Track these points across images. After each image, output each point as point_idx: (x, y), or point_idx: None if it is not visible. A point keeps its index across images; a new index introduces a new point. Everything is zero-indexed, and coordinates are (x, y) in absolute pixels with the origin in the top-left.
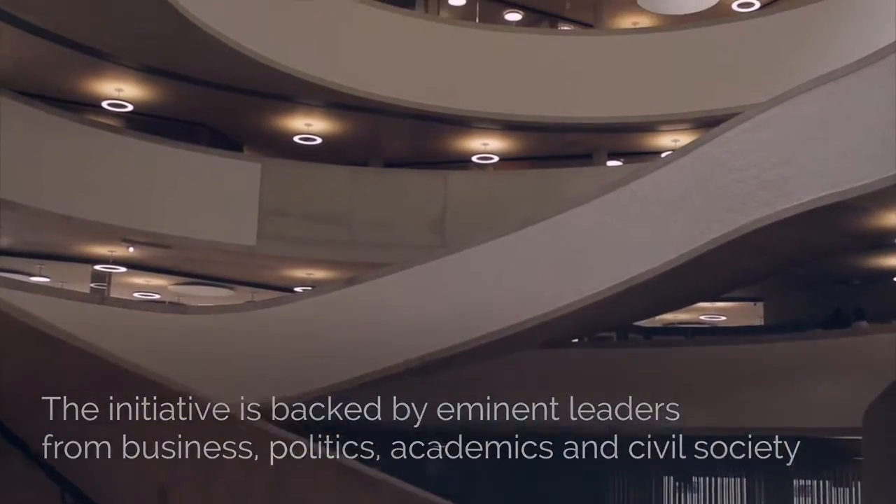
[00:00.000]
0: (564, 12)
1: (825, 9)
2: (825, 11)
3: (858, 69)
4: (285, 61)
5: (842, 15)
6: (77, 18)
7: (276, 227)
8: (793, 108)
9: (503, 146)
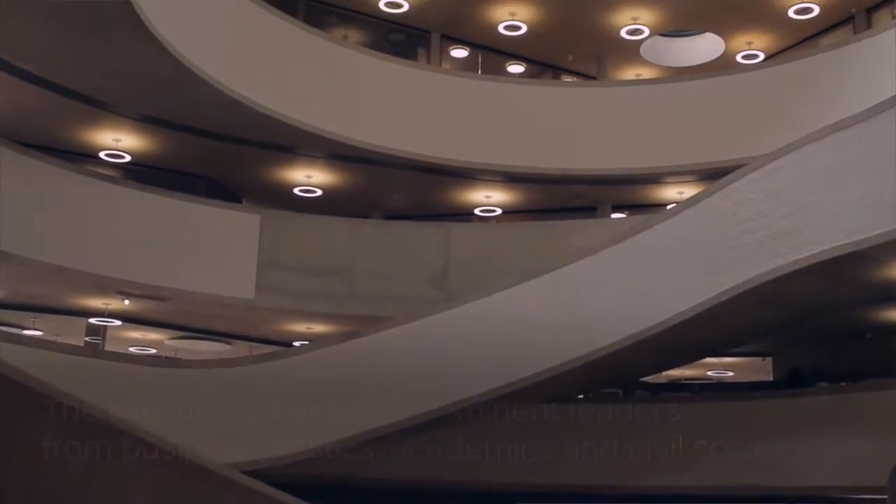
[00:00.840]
0: (567, 64)
1: (830, 60)
2: (830, 62)
3: (870, 117)
4: (286, 112)
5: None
6: (75, 66)
7: (275, 279)
8: (804, 157)
9: (506, 198)
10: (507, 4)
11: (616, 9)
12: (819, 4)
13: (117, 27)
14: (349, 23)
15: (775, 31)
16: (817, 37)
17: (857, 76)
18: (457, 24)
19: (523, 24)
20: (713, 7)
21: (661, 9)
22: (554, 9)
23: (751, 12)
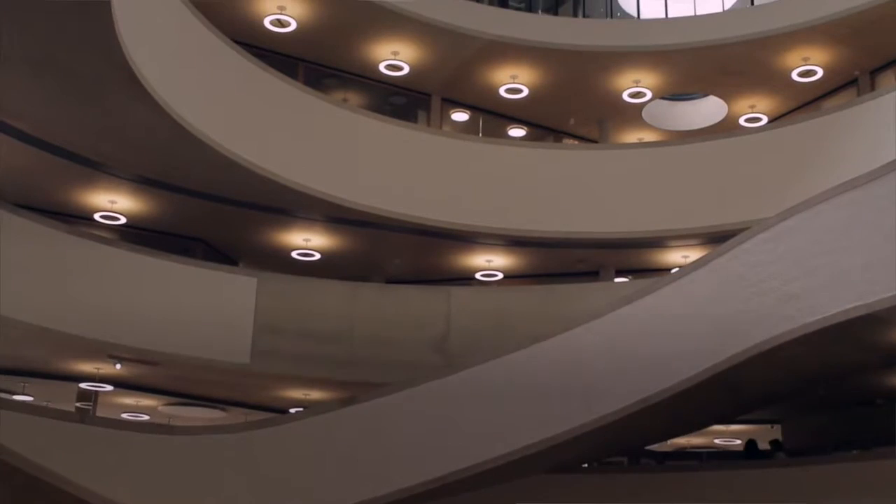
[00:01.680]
0: (569, 128)
1: (834, 122)
2: (834, 124)
3: (882, 175)
4: (284, 173)
5: (850, 127)
6: (70, 126)
7: (271, 344)
8: (814, 217)
9: (508, 263)
10: (508, 67)
11: (618, 71)
12: (822, 67)
13: (114, 86)
14: (349, 86)
15: (778, 94)
16: (821, 100)
17: (861, 138)
18: (457, 87)
19: (524, 87)
20: (715, 70)
21: (663, 72)
22: (555, 71)
23: (754, 75)
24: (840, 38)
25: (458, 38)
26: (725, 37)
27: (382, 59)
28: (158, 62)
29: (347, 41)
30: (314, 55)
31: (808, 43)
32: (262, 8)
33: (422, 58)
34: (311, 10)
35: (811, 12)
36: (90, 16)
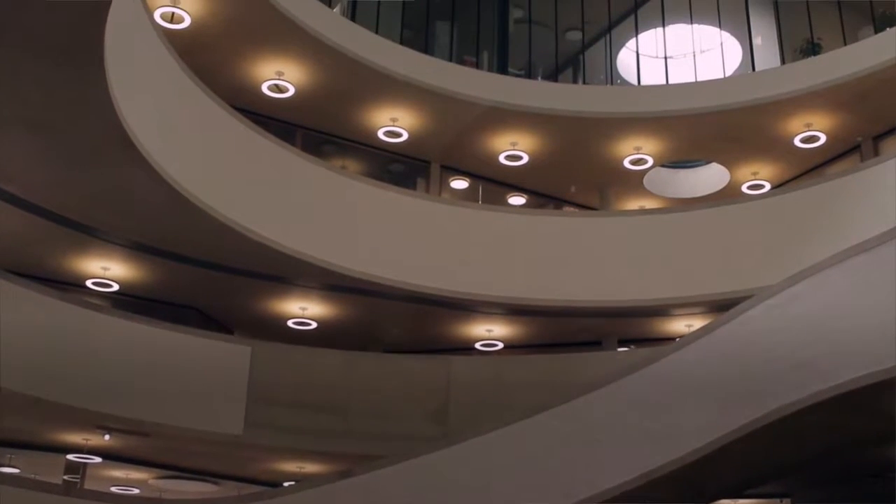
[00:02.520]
0: (569, 196)
1: (838, 188)
2: (838, 190)
3: (891, 239)
4: (281, 240)
5: (855, 193)
6: (63, 190)
7: (265, 415)
8: (822, 282)
9: (508, 332)
10: (508, 134)
11: (618, 138)
12: (825, 133)
13: (108, 150)
14: (347, 152)
15: (781, 161)
16: (824, 166)
17: (866, 204)
18: (457, 154)
19: (524, 154)
20: (717, 137)
21: (665, 138)
22: (555, 138)
23: (756, 142)
24: (842, 104)
25: (458, 104)
26: (727, 103)
27: (381, 125)
28: (154, 126)
29: (346, 107)
30: (312, 121)
31: (810, 109)
32: (260, 73)
33: (421, 124)
34: (310, 76)
35: (813, 78)
36: (84, 79)
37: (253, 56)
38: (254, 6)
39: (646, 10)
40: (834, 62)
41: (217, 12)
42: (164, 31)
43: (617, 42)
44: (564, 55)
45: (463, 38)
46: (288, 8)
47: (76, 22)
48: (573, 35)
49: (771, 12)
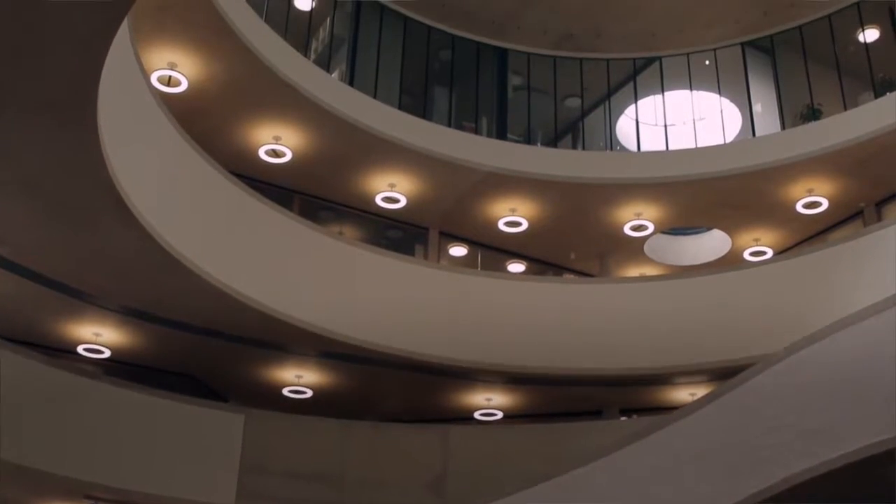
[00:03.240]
0: (569, 263)
1: (841, 253)
2: (841, 256)
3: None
4: (277, 306)
5: (858, 259)
6: (54, 253)
7: (257, 485)
8: (831, 347)
9: (507, 401)
10: (507, 200)
11: (618, 204)
12: (827, 199)
13: (102, 211)
14: (345, 218)
15: (783, 227)
16: (827, 232)
17: (869, 270)
18: (455, 220)
19: (524, 221)
20: (718, 203)
21: (665, 204)
22: (555, 204)
23: (758, 208)
24: (844, 170)
25: (457, 169)
26: (727, 168)
27: (379, 190)
28: (149, 189)
29: (344, 172)
30: (310, 187)
31: (811, 174)
32: (257, 138)
33: (419, 190)
34: (308, 140)
35: (814, 143)
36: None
37: (250, 120)
38: (252, 70)
39: (644, 76)
40: (835, 127)
41: (215, 76)
42: (161, 94)
43: (616, 109)
44: (563, 122)
45: (462, 103)
46: (286, 72)
47: (69, 80)
48: (572, 102)
49: (770, 79)
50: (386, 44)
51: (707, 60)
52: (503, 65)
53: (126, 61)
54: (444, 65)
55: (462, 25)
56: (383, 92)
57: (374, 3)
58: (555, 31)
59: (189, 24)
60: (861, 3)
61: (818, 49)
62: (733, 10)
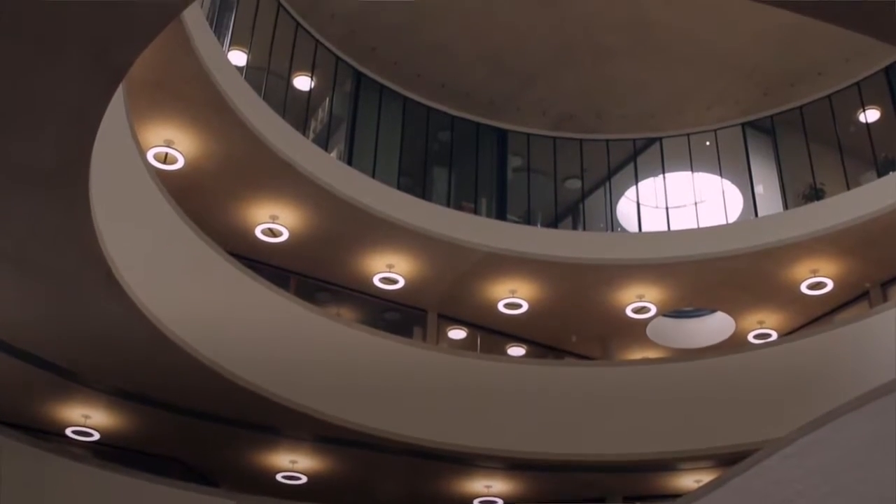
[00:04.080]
0: (571, 346)
1: (847, 335)
2: (847, 338)
3: None
4: (271, 388)
5: (864, 341)
6: (42, 331)
7: None
8: (841, 429)
9: (508, 488)
10: (507, 281)
11: (620, 285)
12: (832, 279)
13: (91, 286)
14: (342, 300)
15: (788, 308)
16: (832, 313)
17: (876, 351)
18: (454, 302)
19: (524, 303)
20: (722, 284)
21: (668, 286)
22: (556, 286)
23: (761, 289)
24: (849, 250)
25: (456, 250)
26: (730, 249)
27: (377, 271)
28: (141, 265)
29: (341, 252)
30: (306, 267)
31: (815, 254)
32: (254, 216)
33: (418, 271)
34: (305, 220)
35: (817, 223)
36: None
37: (247, 199)
38: (249, 148)
39: (645, 157)
40: (838, 207)
41: (212, 154)
42: (157, 171)
43: (616, 190)
44: (563, 204)
45: (461, 184)
46: (284, 150)
47: (61, 150)
48: (572, 183)
49: (771, 159)
50: (385, 124)
51: (707, 141)
52: (503, 145)
53: (122, 137)
54: (443, 145)
55: (461, 106)
56: (382, 171)
57: (374, 82)
58: (554, 112)
59: (186, 101)
60: (861, 84)
61: (819, 129)
62: (733, 91)
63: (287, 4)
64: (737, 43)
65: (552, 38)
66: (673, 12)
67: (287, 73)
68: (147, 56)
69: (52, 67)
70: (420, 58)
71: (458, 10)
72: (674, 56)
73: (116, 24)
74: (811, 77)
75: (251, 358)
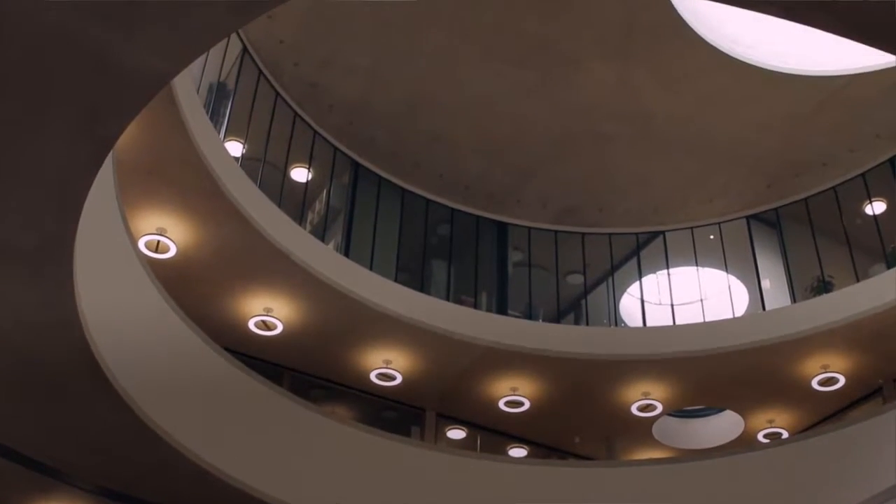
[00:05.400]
0: (574, 448)
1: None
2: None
3: None
4: (263, 487)
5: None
6: (22, 423)
7: None
8: None
9: None
10: (508, 378)
11: (625, 382)
12: (844, 375)
13: (75, 376)
14: (338, 398)
15: (799, 406)
16: (845, 411)
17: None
18: (454, 400)
19: (525, 400)
20: (729, 380)
21: (673, 383)
22: (558, 383)
23: (771, 386)
24: (860, 344)
25: (455, 345)
26: (738, 343)
27: (374, 367)
28: (128, 356)
29: (337, 346)
30: (301, 362)
31: (826, 349)
32: (247, 308)
33: (416, 367)
34: (300, 312)
35: (827, 316)
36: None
37: (241, 290)
38: (244, 237)
39: (649, 250)
40: (848, 300)
41: (205, 243)
42: (148, 259)
43: (619, 284)
44: (565, 299)
45: (460, 278)
46: (279, 240)
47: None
48: (574, 279)
49: (777, 251)
50: (383, 215)
51: (711, 235)
52: (503, 238)
53: (112, 223)
54: (442, 238)
55: (461, 198)
56: (380, 264)
57: (372, 174)
58: (555, 205)
59: (180, 187)
60: (866, 175)
61: (825, 221)
62: (736, 183)
63: (285, 94)
64: (739, 134)
65: (552, 128)
66: (674, 102)
67: (284, 163)
68: (141, 140)
69: (35, 135)
70: (419, 148)
71: (458, 101)
72: (676, 147)
73: (105, 89)
74: (816, 168)
75: (243, 456)
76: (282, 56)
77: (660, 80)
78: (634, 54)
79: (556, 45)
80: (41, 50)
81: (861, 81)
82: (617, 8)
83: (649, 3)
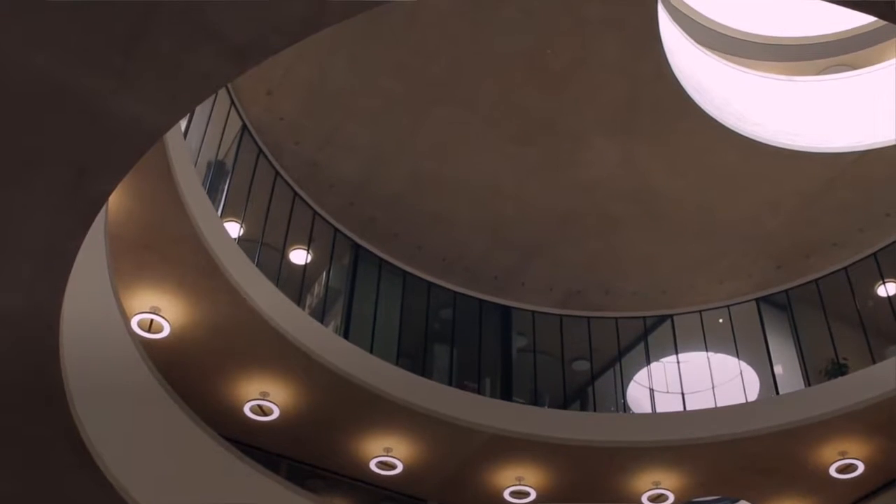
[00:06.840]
0: None
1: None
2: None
3: None
4: None
5: None
6: None
7: None
8: None
9: None
10: (514, 467)
11: (634, 471)
12: (863, 461)
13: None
14: (336, 488)
15: (817, 495)
16: (865, 500)
17: None
18: (456, 490)
19: (532, 490)
20: (743, 468)
21: (685, 471)
22: (565, 471)
23: (787, 473)
24: (879, 428)
25: (458, 431)
26: (751, 429)
27: (374, 455)
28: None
29: (335, 433)
30: (298, 449)
31: (843, 434)
32: (243, 392)
33: (417, 454)
34: (297, 397)
35: (843, 400)
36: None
37: (236, 372)
38: (241, 317)
39: (657, 334)
40: (864, 382)
41: (200, 322)
42: (141, 339)
43: (627, 369)
44: (571, 386)
45: (463, 362)
46: (277, 320)
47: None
48: (580, 365)
49: (788, 334)
50: (384, 298)
51: (721, 318)
52: (507, 322)
53: (104, 300)
54: (444, 321)
55: (463, 281)
56: (380, 348)
57: (373, 255)
58: (561, 288)
59: (176, 264)
60: (878, 255)
61: (836, 303)
62: (746, 265)
63: (284, 173)
64: (748, 213)
65: (557, 207)
66: (680, 180)
67: (283, 244)
68: (137, 216)
69: (22, 193)
70: (421, 229)
71: (460, 181)
72: (682, 226)
73: (95, 142)
74: (826, 248)
75: None
76: (282, 134)
77: (665, 157)
78: (639, 131)
79: (558, 121)
80: (28, 99)
81: (869, 158)
82: (620, 84)
83: (653, 78)
